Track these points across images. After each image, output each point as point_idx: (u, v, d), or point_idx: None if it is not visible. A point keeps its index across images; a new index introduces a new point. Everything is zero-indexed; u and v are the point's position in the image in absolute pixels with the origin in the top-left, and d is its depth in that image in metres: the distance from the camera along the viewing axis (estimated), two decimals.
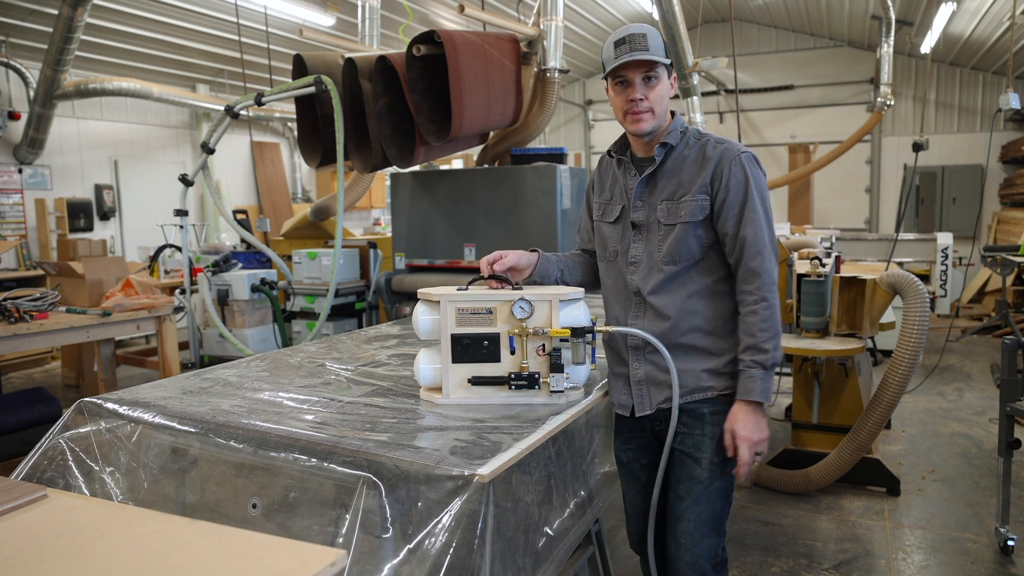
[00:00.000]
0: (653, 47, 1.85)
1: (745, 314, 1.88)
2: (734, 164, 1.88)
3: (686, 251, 1.91)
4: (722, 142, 1.93)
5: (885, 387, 3.50)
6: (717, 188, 1.88)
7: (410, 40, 4.18)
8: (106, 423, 1.87)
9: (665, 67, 1.90)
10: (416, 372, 1.99)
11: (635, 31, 1.88)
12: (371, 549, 1.44)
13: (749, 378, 1.84)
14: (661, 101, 1.89)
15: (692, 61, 7.62)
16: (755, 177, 1.88)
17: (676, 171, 1.94)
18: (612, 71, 1.87)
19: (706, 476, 1.92)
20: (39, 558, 1.07)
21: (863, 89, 11.37)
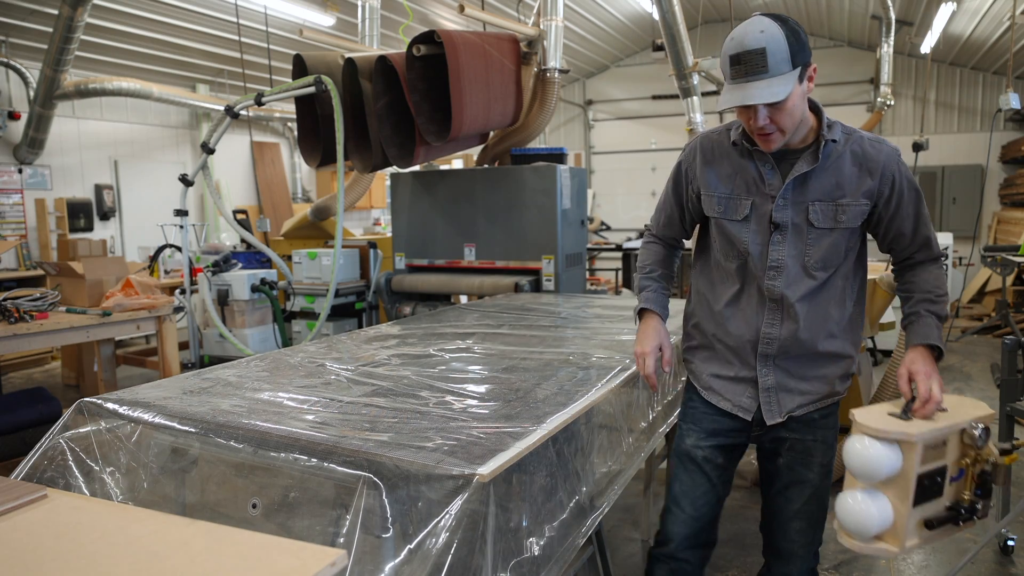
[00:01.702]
0: (775, 63, 1.59)
1: (916, 274, 1.89)
2: (901, 168, 1.81)
3: (838, 256, 1.83)
4: (878, 141, 1.83)
5: (885, 387, 3.50)
6: (888, 195, 1.80)
7: (410, 40, 4.18)
8: (106, 423, 1.87)
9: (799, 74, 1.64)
10: (850, 518, 1.70)
11: (751, 44, 1.59)
12: (371, 549, 1.44)
13: (926, 324, 1.81)
14: (793, 118, 1.69)
15: (692, 61, 7.62)
16: (911, 174, 1.86)
17: (831, 170, 1.78)
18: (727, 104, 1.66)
19: (817, 480, 1.94)
20: (39, 558, 1.07)
21: (863, 89, 11.37)
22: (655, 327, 2.01)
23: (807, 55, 1.65)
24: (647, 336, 2.01)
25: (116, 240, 9.28)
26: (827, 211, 1.79)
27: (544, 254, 4.68)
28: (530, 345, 2.72)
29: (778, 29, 1.60)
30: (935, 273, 1.88)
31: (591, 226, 10.86)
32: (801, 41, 1.63)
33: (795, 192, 1.79)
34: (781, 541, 1.99)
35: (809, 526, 1.96)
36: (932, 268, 1.89)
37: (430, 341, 2.81)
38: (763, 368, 1.91)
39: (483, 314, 3.49)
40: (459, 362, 2.45)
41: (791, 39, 1.60)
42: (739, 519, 3.56)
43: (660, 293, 2.07)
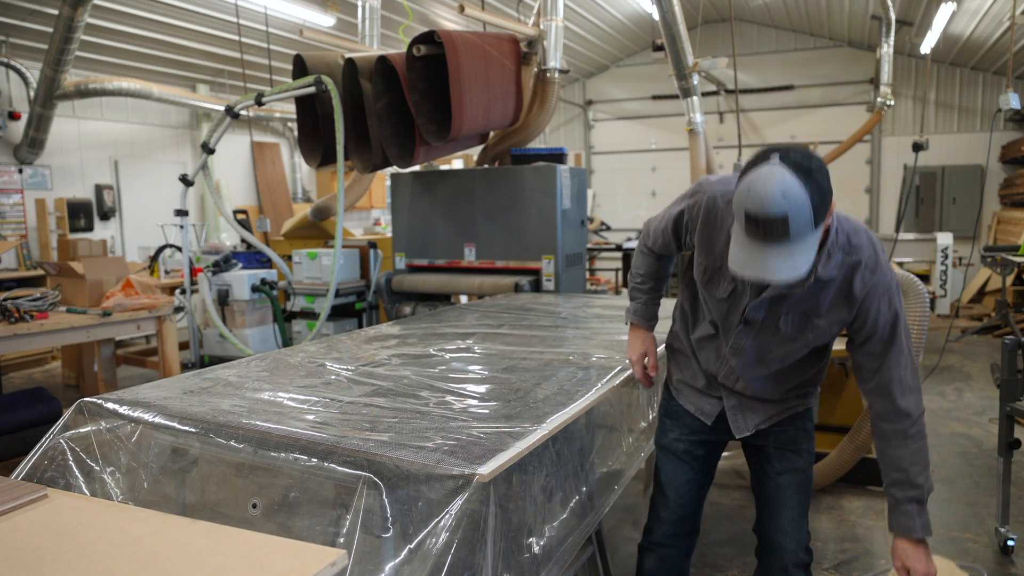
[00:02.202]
0: (797, 229, 1.43)
1: (893, 447, 1.78)
2: (883, 304, 1.71)
3: (801, 358, 1.87)
4: (873, 272, 1.70)
5: None
6: (860, 326, 1.75)
7: (410, 40, 4.18)
8: (106, 423, 1.87)
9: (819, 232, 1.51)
10: None
11: (773, 211, 1.42)
12: (372, 549, 1.44)
13: (905, 514, 1.76)
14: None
15: (692, 61, 7.62)
16: (903, 314, 1.75)
17: (814, 291, 1.73)
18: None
19: (806, 465, 2.01)
20: (39, 558, 1.07)
21: (863, 89, 11.37)
22: (641, 336, 2.17)
23: (829, 202, 1.50)
24: (634, 345, 2.18)
25: (116, 240, 9.28)
26: (798, 324, 1.78)
27: (544, 254, 4.68)
28: (530, 345, 2.72)
29: (802, 191, 1.43)
30: (912, 448, 1.75)
31: (591, 226, 10.86)
32: (824, 192, 1.47)
33: (773, 302, 1.78)
34: (774, 532, 2.03)
35: (799, 515, 2.01)
36: (909, 444, 1.76)
37: (430, 341, 2.81)
38: (726, 392, 2.02)
39: (483, 314, 3.49)
40: (459, 362, 2.45)
41: (815, 198, 1.45)
42: (739, 519, 3.57)
43: (649, 305, 2.17)
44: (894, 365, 1.74)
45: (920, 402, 1.78)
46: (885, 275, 1.71)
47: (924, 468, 1.76)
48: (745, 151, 11.20)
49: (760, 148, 1.56)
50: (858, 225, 1.78)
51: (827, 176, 1.50)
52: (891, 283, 1.73)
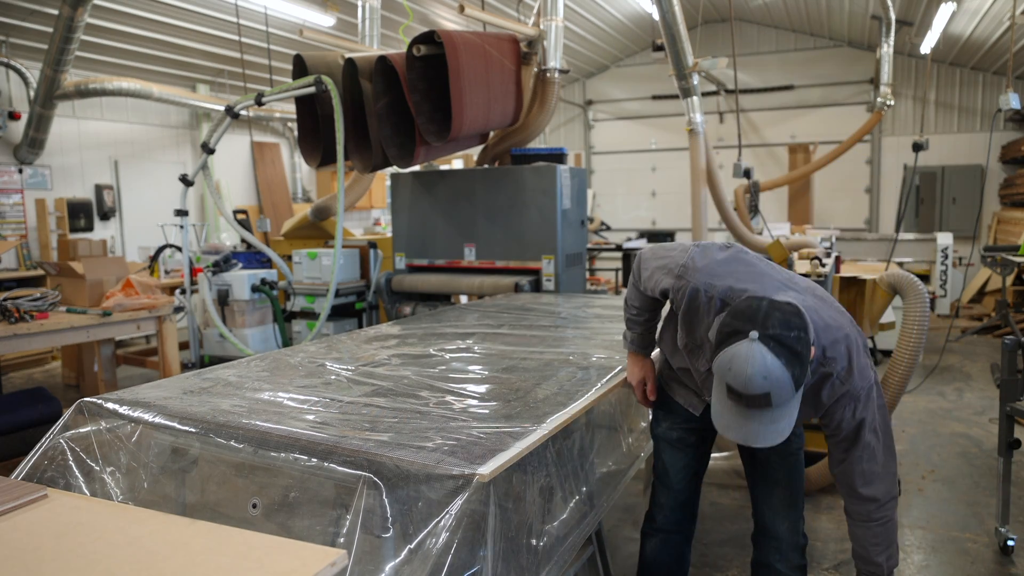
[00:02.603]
0: (779, 401, 1.51)
1: (856, 526, 1.84)
2: (847, 411, 1.75)
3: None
4: (843, 382, 1.72)
5: (885, 387, 3.50)
6: (825, 423, 1.82)
7: (410, 40, 4.18)
8: (106, 423, 1.87)
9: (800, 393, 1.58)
10: None
11: (754, 391, 1.49)
12: (372, 549, 1.44)
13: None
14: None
15: (692, 61, 7.61)
16: (870, 419, 1.76)
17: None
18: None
19: (795, 447, 2.04)
20: (39, 558, 1.07)
21: (863, 89, 11.37)
22: (640, 363, 2.20)
23: (807, 364, 1.55)
24: (632, 371, 2.20)
25: (116, 240, 9.28)
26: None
27: (544, 254, 4.68)
28: (530, 345, 2.72)
29: (783, 370, 1.48)
30: (875, 531, 1.81)
31: (591, 226, 10.86)
32: (804, 360, 1.52)
33: None
34: (767, 513, 2.06)
35: (792, 493, 2.03)
36: (872, 527, 1.81)
37: (430, 341, 2.81)
38: None
39: (483, 314, 3.49)
40: (459, 362, 2.45)
41: (796, 371, 1.51)
42: (739, 519, 3.56)
43: (646, 336, 2.19)
44: (857, 460, 1.79)
45: (890, 488, 1.80)
46: (855, 384, 1.73)
47: (885, 548, 1.80)
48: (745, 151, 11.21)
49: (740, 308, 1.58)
50: (838, 335, 1.74)
51: (807, 340, 1.54)
52: (860, 391, 1.74)
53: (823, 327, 1.72)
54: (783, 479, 2.04)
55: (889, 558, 1.82)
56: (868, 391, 1.76)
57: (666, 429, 2.20)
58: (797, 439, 2.06)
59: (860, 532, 1.83)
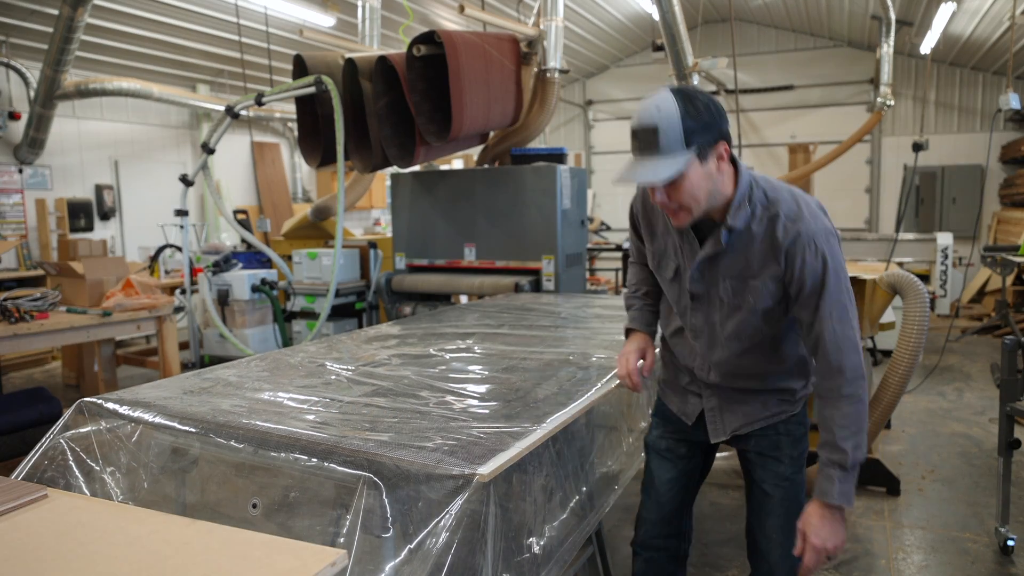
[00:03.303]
0: (667, 143, 1.55)
1: (824, 407, 1.73)
2: (808, 251, 1.66)
3: (753, 330, 1.80)
4: (794, 219, 1.68)
5: (885, 387, 3.50)
6: (790, 278, 1.70)
7: (410, 40, 4.18)
8: (106, 423, 1.87)
9: (697, 154, 1.58)
10: None
11: (645, 121, 1.56)
12: (372, 549, 1.44)
13: (826, 478, 1.70)
14: (693, 195, 1.63)
15: (692, 61, 7.62)
16: (834, 262, 1.68)
17: (744, 250, 1.73)
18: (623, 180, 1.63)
19: (790, 471, 1.93)
20: (39, 558, 1.07)
21: (863, 89, 11.37)
22: (637, 339, 2.07)
23: (712, 134, 1.59)
24: (628, 345, 2.07)
25: (116, 240, 9.28)
26: (737, 289, 1.76)
27: (544, 254, 4.68)
28: (530, 345, 2.72)
29: (675, 107, 1.55)
30: (843, 411, 1.69)
31: (591, 226, 10.86)
32: (704, 121, 1.57)
33: (707, 268, 1.79)
34: (760, 539, 1.99)
35: (786, 523, 1.90)
36: (840, 404, 1.70)
37: (430, 341, 2.81)
38: (707, 391, 1.97)
39: (483, 314, 3.49)
40: (459, 362, 2.45)
41: (689, 119, 1.55)
42: (739, 519, 3.56)
43: (644, 311, 2.10)
44: (826, 316, 1.68)
45: (859, 364, 1.69)
46: (809, 224, 1.67)
47: (854, 434, 1.68)
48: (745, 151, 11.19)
49: None
50: (780, 185, 1.76)
51: (714, 110, 1.60)
52: (817, 232, 1.67)
53: (764, 178, 1.76)
54: (776, 508, 1.94)
55: (856, 447, 1.68)
56: (827, 235, 1.68)
57: (656, 438, 2.12)
58: (794, 464, 1.95)
59: (828, 413, 1.71)
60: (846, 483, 1.68)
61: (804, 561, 1.71)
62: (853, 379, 1.68)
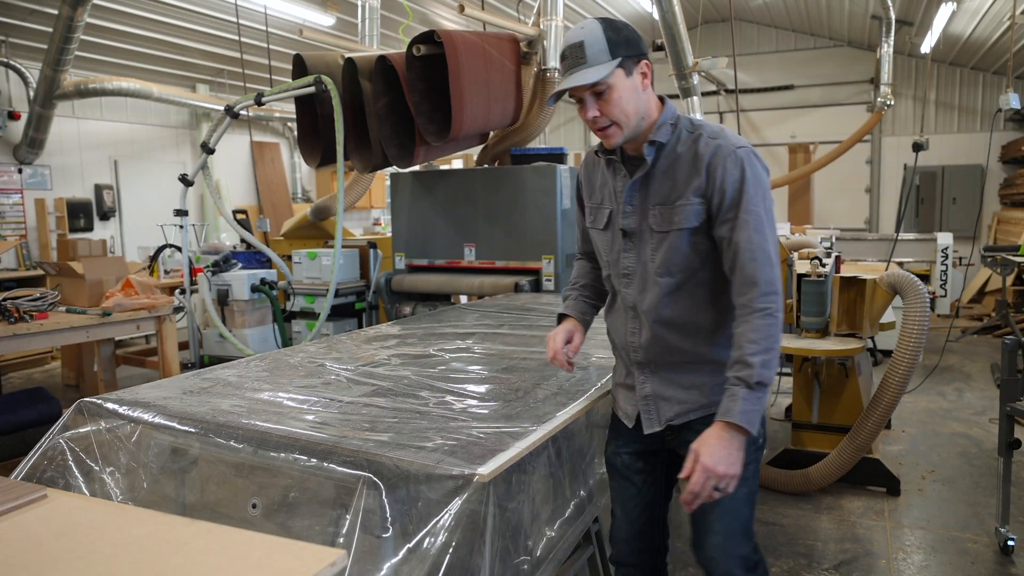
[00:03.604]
0: (593, 54, 1.65)
1: (737, 324, 1.67)
2: (729, 161, 1.67)
3: (682, 260, 1.74)
4: (716, 136, 1.71)
5: (885, 387, 3.50)
6: (712, 190, 1.69)
7: (410, 40, 4.18)
8: (106, 423, 1.87)
9: (622, 66, 1.66)
10: None
11: (572, 39, 1.69)
12: (371, 549, 1.44)
13: (730, 396, 1.60)
14: (623, 108, 1.68)
15: (692, 61, 7.62)
16: (753, 174, 1.68)
17: (670, 171, 1.74)
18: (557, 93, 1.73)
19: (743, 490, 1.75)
20: (39, 558, 1.07)
21: (863, 89, 11.37)
22: (566, 323, 2.02)
23: (634, 50, 1.69)
24: (558, 329, 2.00)
25: (116, 240, 9.28)
26: (665, 214, 1.75)
27: (544, 254, 4.68)
28: (530, 345, 2.72)
29: (597, 26, 1.68)
30: (754, 324, 1.63)
31: None
32: (624, 36, 1.68)
33: (638, 198, 1.79)
34: (703, 558, 1.85)
35: (726, 540, 1.79)
36: (751, 319, 1.64)
37: (430, 341, 2.81)
38: (640, 375, 1.87)
39: (483, 314, 3.49)
40: (459, 362, 2.45)
41: (610, 34, 1.67)
42: None
43: (580, 300, 2.07)
44: (742, 225, 1.66)
45: (773, 278, 1.65)
46: (730, 140, 1.70)
47: (762, 351, 1.59)
48: None
49: None
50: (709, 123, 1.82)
51: (635, 34, 1.72)
52: (738, 148, 1.69)
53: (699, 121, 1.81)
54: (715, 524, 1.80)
55: (764, 365, 1.59)
56: (748, 151, 1.70)
57: (612, 453, 1.99)
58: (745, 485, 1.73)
59: (740, 329, 1.64)
60: (750, 402, 1.59)
61: (690, 483, 1.58)
62: (766, 292, 1.64)
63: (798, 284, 3.89)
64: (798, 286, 3.89)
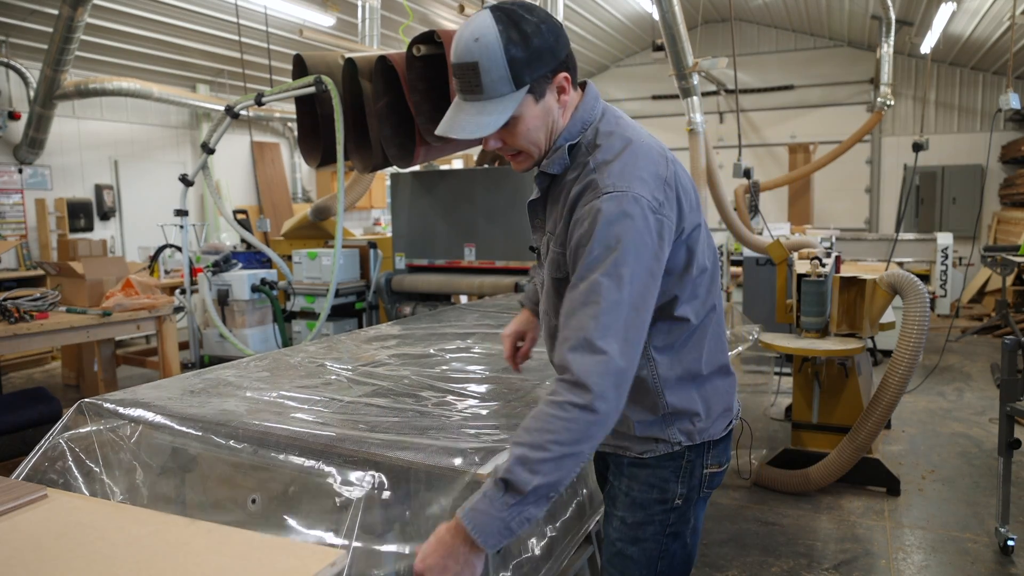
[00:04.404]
0: (490, 83, 1.26)
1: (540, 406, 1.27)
2: (587, 207, 1.29)
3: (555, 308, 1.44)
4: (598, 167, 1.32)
5: (885, 387, 3.50)
6: (570, 235, 1.34)
7: (410, 40, 4.18)
8: (106, 423, 1.87)
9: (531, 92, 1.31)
10: None
11: (462, 55, 1.28)
12: (371, 548, 1.44)
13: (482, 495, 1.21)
14: (531, 139, 1.36)
15: (692, 61, 7.61)
16: (606, 230, 1.26)
17: (555, 201, 1.43)
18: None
19: (616, 537, 1.54)
20: (39, 558, 1.07)
21: (863, 89, 11.37)
22: (519, 319, 1.83)
23: (547, 64, 1.30)
24: (512, 323, 1.84)
25: (116, 240, 9.28)
26: (546, 251, 1.47)
27: None
28: None
29: (497, 38, 1.25)
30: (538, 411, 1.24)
31: None
32: (534, 49, 1.27)
33: (536, 221, 1.52)
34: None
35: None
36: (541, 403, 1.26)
37: (430, 341, 2.81)
38: None
39: (483, 314, 3.49)
40: (459, 362, 2.45)
41: (517, 51, 1.25)
42: (738, 519, 3.57)
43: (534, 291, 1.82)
44: (570, 293, 1.29)
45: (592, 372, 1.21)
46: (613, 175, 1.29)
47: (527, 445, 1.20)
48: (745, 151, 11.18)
49: None
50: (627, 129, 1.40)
51: (547, 34, 1.29)
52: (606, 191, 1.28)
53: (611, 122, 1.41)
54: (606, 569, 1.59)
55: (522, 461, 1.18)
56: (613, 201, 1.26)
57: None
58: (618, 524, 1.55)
59: (531, 423, 1.24)
60: (487, 503, 1.19)
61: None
62: (572, 383, 1.22)
63: (798, 284, 3.89)
64: (798, 286, 3.89)
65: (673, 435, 1.47)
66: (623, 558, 1.54)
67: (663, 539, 1.53)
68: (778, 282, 4.27)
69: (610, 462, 1.58)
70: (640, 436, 1.48)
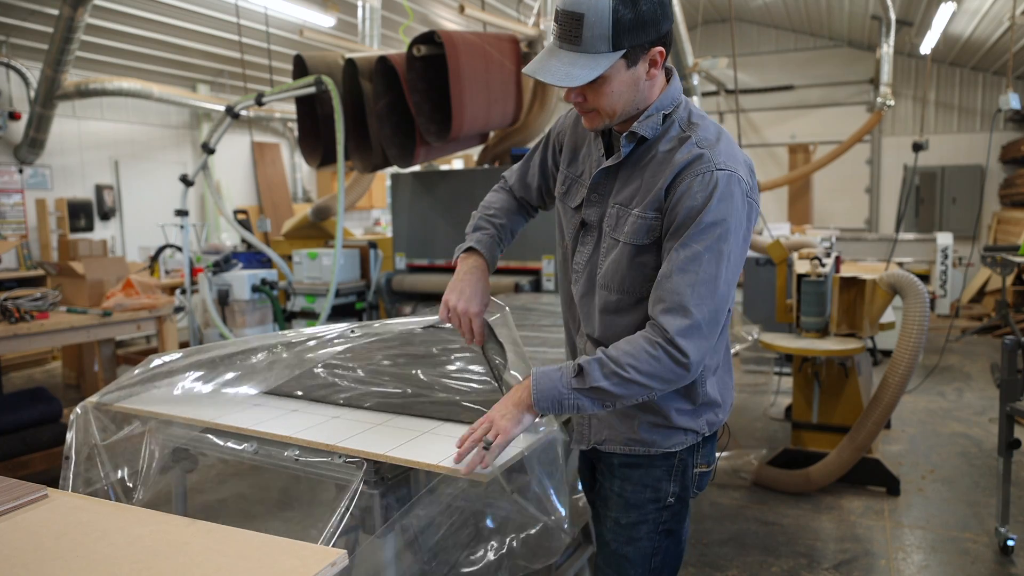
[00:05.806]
0: (590, 38, 1.28)
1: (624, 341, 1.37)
2: (698, 180, 1.34)
3: (626, 278, 1.45)
4: (704, 145, 1.38)
5: (885, 387, 3.50)
6: (668, 205, 1.37)
7: (410, 40, 4.18)
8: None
9: (625, 57, 1.32)
10: None
11: (570, 6, 1.29)
12: (372, 548, 1.44)
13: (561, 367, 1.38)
14: (612, 103, 1.38)
15: (692, 61, 7.61)
16: (721, 206, 1.33)
17: (641, 170, 1.44)
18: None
19: (610, 538, 1.58)
20: (39, 558, 1.07)
21: (863, 89, 11.37)
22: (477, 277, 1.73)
23: (648, 35, 1.32)
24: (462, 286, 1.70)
25: (117, 240, 9.28)
26: (621, 217, 1.45)
27: (544, 254, 4.68)
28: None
29: (604, 5, 1.27)
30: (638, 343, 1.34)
31: None
32: (639, 15, 1.29)
33: (603, 188, 1.51)
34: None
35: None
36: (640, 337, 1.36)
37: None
38: None
39: None
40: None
41: (623, 14, 1.27)
42: (739, 519, 3.57)
43: (495, 239, 1.80)
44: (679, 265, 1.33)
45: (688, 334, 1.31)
46: (720, 156, 1.36)
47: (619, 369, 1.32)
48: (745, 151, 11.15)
49: None
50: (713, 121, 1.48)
51: (656, 5, 1.31)
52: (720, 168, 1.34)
53: (697, 110, 1.48)
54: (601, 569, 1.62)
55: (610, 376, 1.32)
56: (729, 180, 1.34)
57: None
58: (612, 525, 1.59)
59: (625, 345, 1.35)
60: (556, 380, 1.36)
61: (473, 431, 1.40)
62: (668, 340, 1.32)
63: (798, 284, 3.89)
64: (798, 286, 3.89)
65: (701, 426, 1.54)
66: (619, 558, 1.57)
67: (657, 536, 1.56)
68: (778, 282, 4.27)
69: (600, 463, 1.62)
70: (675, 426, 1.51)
